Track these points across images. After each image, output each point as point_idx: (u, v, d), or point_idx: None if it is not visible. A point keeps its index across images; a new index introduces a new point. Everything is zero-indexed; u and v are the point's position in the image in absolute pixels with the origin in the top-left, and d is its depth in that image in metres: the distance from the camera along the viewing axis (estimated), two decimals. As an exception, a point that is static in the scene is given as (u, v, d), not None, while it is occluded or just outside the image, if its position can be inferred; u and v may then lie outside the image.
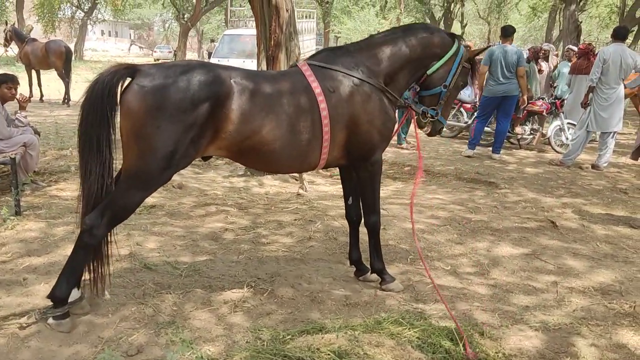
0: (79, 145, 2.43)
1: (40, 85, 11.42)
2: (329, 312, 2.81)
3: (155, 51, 35.09)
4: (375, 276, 3.17)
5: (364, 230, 3.12)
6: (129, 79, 2.40)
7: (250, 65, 9.35)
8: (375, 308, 2.88)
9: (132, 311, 2.68)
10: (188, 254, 3.53)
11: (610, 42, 6.98)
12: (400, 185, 5.91)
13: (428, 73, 2.95)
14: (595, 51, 8.06)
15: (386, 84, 2.85)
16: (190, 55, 33.81)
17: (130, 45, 45.76)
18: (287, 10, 5.43)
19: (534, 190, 5.67)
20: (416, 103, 3.04)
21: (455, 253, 3.77)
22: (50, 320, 2.48)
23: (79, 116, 2.40)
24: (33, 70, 11.37)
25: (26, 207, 4.26)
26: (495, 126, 7.57)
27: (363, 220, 3.11)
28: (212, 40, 27.73)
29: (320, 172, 6.03)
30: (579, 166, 6.95)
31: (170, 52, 31.57)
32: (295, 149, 2.65)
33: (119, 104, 2.37)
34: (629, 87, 7.34)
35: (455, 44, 2.96)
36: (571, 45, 10.15)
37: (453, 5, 28.08)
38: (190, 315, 2.70)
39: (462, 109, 8.86)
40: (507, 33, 7.31)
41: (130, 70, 2.40)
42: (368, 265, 3.22)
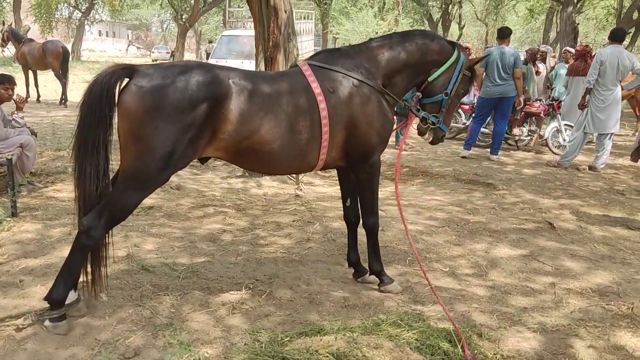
0: (75, 146, 2.42)
1: (37, 85, 11.39)
2: (328, 314, 2.80)
3: (153, 52, 35.04)
4: (374, 278, 3.17)
5: (362, 232, 3.12)
6: (126, 80, 2.39)
7: (249, 66, 9.34)
8: (373, 310, 2.87)
9: (130, 313, 2.67)
10: (186, 255, 3.52)
11: (608, 44, 7.01)
12: (399, 186, 5.90)
13: (429, 80, 2.95)
14: (593, 53, 8.08)
15: (384, 86, 2.86)
16: (188, 56, 33.80)
17: (128, 45, 45.72)
18: (286, 11, 5.43)
19: (532, 192, 5.68)
20: (418, 110, 3.04)
21: (453, 254, 3.77)
22: (46, 323, 2.47)
23: (78, 117, 2.40)
24: (30, 71, 11.33)
25: (23, 209, 4.24)
26: (493, 127, 7.59)
27: (361, 221, 3.11)
28: (210, 41, 27.72)
29: (319, 173, 6.03)
30: (576, 167, 6.97)
31: (168, 53, 31.53)
32: (294, 149, 2.64)
33: (116, 104, 2.37)
34: (626, 89, 7.39)
35: (456, 52, 2.96)
36: (568, 47, 10.16)
37: (451, 7, 28.18)
38: (188, 317, 2.69)
39: (460, 110, 8.87)
40: (504, 35, 7.32)
41: (128, 70, 2.40)
42: (366, 267, 3.22)
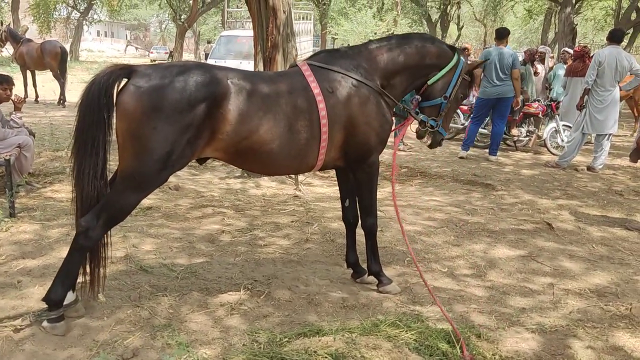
0: (73, 146, 2.41)
1: (35, 86, 11.37)
2: (326, 315, 2.80)
3: (151, 52, 34.96)
4: (373, 278, 3.16)
5: (361, 232, 3.12)
6: (125, 80, 2.39)
7: (247, 66, 9.33)
8: (372, 310, 2.87)
9: (128, 314, 2.67)
10: (184, 256, 3.52)
11: (606, 45, 7.02)
12: (397, 186, 5.91)
13: (429, 83, 2.96)
14: (591, 54, 8.09)
15: (383, 87, 2.86)
16: (187, 57, 33.78)
17: (127, 46, 45.66)
18: (284, 12, 5.43)
19: (530, 192, 5.68)
20: (417, 114, 3.05)
21: (452, 255, 3.77)
22: (44, 323, 2.47)
23: (76, 118, 2.39)
24: (28, 71, 11.31)
25: (20, 209, 4.23)
26: (491, 128, 7.59)
27: (360, 222, 3.11)
28: (209, 42, 27.72)
29: (317, 174, 6.03)
30: (574, 168, 6.97)
31: (166, 53, 31.50)
32: (293, 149, 2.64)
33: (115, 104, 2.36)
34: (624, 90, 7.39)
35: (456, 56, 2.97)
36: (567, 48, 10.18)
37: (449, 8, 28.19)
38: (186, 318, 2.68)
39: (459, 111, 8.87)
40: (502, 35, 7.33)
41: (126, 71, 2.39)
42: (365, 268, 3.21)
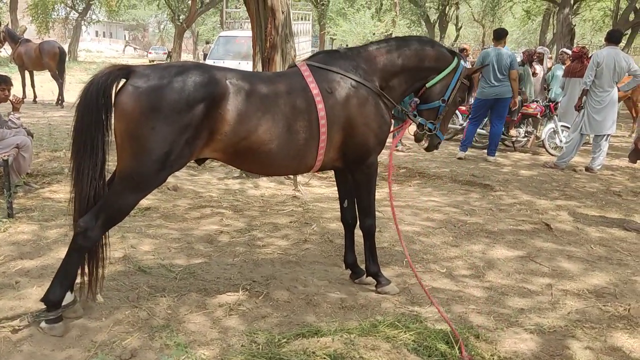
0: (72, 147, 2.41)
1: (33, 86, 11.35)
2: (325, 315, 2.80)
3: (150, 52, 34.95)
4: (371, 279, 3.16)
5: (359, 233, 3.12)
6: (123, 80, 2.39)
7: (246, 67, 9.33)
8: (370, 311, 2.87)
9: (126, 315, 2.66)
10: (183, 256, 3.51)
11: (604, 46, 7.03)
12: (395, 187, 5.92)
13: (427, 86, 2.97)
14: (589, 54, 8.10)
15: (382, 89, 2.86)
16: (186, 57, 33.75)
17: (125, 46, 45.63)
18: (283, 12, 5.42)
19: (529, 193, 5.69)
20: (415, 116, 3.05)
21: (450, 255, 3.77)
22: (42, 324, 2.46)
23: (74, 118, 2.39)
24: (26, 71, 11.30)
25: (19, 210, 4.22)
26: (490, 129, 7.60)
27: (358, 223, 3.11)
28: (208, 42, 27.71)
29: (316, 174, 6.03)
30: (572, 169, 6.98)
31: (165, 54, 31.47)
32: (291, 150, 2.64)
33: (113, 105, 2.36)
34: (622, 90, 7.40)
35: (455, 60, 2.99)
36: (565, 49, 10.19)
37: (448, 8, 28.23)
38: (185, 318, 2.68)
39: (458, 112, 8.88)
40: (499, 36, 7.35)
41: (124, 71, 2.39)
42: (364, 268, 3.21)
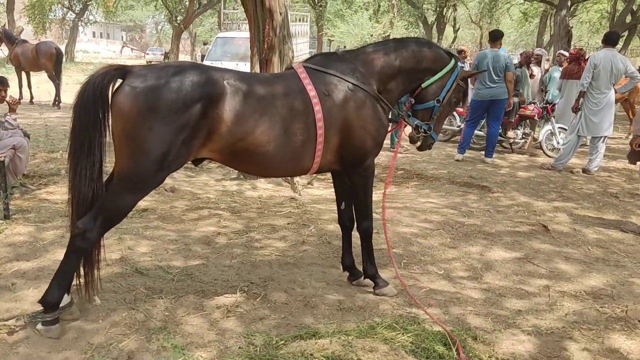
0: (69, 148, 2.40)
1: (30, 87, 11.32)
2: (323, 317, 2.79)
3: (147, 53, 34.90)
4: (369, 281, 3.16)
5: (357, 235, 3.12)
6: (120, 81, 2.38)
7: (244, 68, 9.32)
8: (368, 313, 2.87)
9: (123, 317, 2.65)
10: (180, 258, 3.50)
11: (601, 47, 7.05)
12: (393, 188, 5.92)
13: (423, 86, 2.97)
14: (586, 56, 8.13)
15: (379, 92, 2.86)
16: (183, 58, 33.69)
17: (122, 47, 45.56)
18: (281, 14, 5.42)
19: (526, 194, 5.70)
20: (409, 116, 3.05)
21: (448, 257, 3.77)
22: (39, 326, 2.45)
23: (71, 119, 2.38)
24: (23, 72, 11.26)
25: (15, 211, 4.20)
26: (487, 130, 7.62)
27: (356, 225, 3.10)
28: (205, 43, 27.68)
29: (314, 176, 6.02)
30: (570, 170, 7.00)
31: (162, 55, 31.43)
32: (288, 152, 2.64)
33: (110, 105, 2.35)
34: (619, 92, 7.42)
35: (452, 61, 2.99)
36: (562, 50, 10.23)
37: (445, 10, 28.29)
38: (182, 320, 2.67)
39: (455, 113, 8.90)
40: (495, 37, 7.37)
41: (121, 71, 2.39)
42: (361, 270, 3.21)
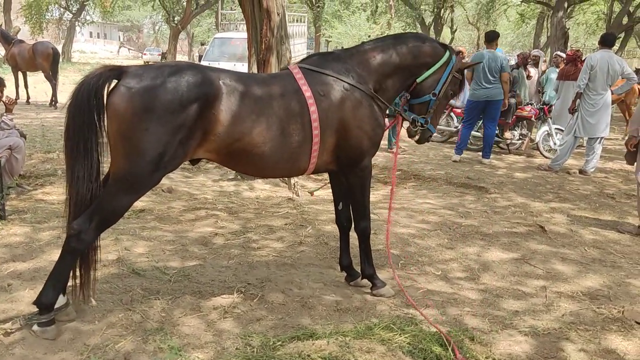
0: (65, 148, 2.39)
1: (26, 87, 11.27)
2: (320, 318, 2.79)
3: (145, 54, 34.86)
4: (366, 281, 3.16)
5: (354, 235, 3.11)
6: (115, 81, 2.37)
7: (241, 68, 9.32)
8: (366, 313, 2.87)
9: (120, 318, 2.64)
10: (177, 259, 3.49)
11: (598, 49, 7.08)
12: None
13: (418, 81, 2.96)
14: (583, 57, 8.16)
15: (376, 91, 2.86)
16: (181, 58, 33.64)
17: (120, 47, 45.47)
18: (278, 14, 5.42)
19: (523, 195, 5.71)
20: (405, 111, 3.05)
21: (445, 258, 3.78)
22: (35, 327, 2.43)
23: (65, 119, 2.37)
24: (20, 72, 11.22)
25: (11, 212, 4.18)
26: (484, 131, 7.63)
27: (353, 225, 3.10)
28: (203, 44, 27.66)
29: (311, 177, 6.02)
30: (566, 171, 7.02)
31: (160, 55, 31.38)
32: (285, 152, 2.64)
33: (105, 106, 2.34)
34: (616, 93, 7.46)
35: (447, 54, 2.98)
36: (559, 52, 10.26)
37: (443, 11, 28.35)
38: (179, 321, 2.66)
39: (453, 114, 8.92)
40: (491, 38, 7.40)
41: (116, 72, 2.37)
42: (359, 271, 3.21)
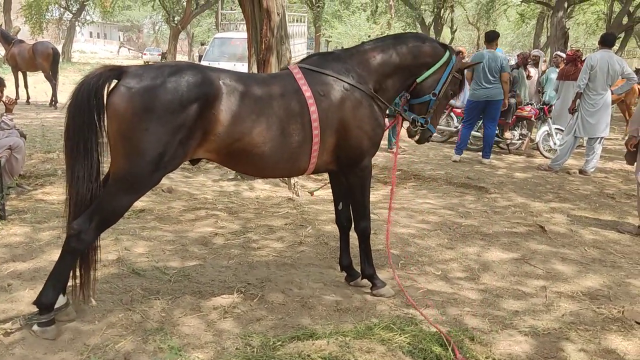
0: (65, 149, 2.40)
1: (26, 87, 11.27)
2: (320, 318, 2.79)
3: (145, 54, 34.87)
4: (366, 281, 3.16)
5: (354, 235, 3.11)
6: (115, 81, 2.37)
7: (241, 68, 9.32)
8: (366, 313, 2.87)
9: (120, 318, 2.64)
10: (177, 259, 3.49)
11: (598, 49, 7.07)
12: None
13: (418, 81, 2.96)
14: (583, 57, 8.16)
15: (376, 91, 2.86)
16: (181, 58, 33.65)
17: (120, 47, 45.48)
18: (278, 14, 5.42)
19: (523, 195, 5.71)
20: (405, 111, 3.05)
21: (445, 258, 3.78)
22: (35, 327, 2.43)
23: (65, 119, 2.37)
24: (20, 72, 11.22)
25: (11, 212, 4.18)
26: (483, 131, 7.63)
27: (353, 225, 3.10)
28: (203, 44, 27.65)
29: (311, 177, 6.02)
30: (566, 171, 7.02)
31: (160, 55, 31.38)
32: (285, 152, 2.64)
33: (105, 106, 2.34)
34: (616, 93, 7.46)
35: (447, 54, 2.98)
36: (559, 52, 10.26)
37: (443, 11, 28.35)
38: (179, 321, 2.66)
39: (453, 114, 8.93)
40: (491, 38, 7.40)
41: (116, 72, 2.37)
42: (359, 271, 3.21)
